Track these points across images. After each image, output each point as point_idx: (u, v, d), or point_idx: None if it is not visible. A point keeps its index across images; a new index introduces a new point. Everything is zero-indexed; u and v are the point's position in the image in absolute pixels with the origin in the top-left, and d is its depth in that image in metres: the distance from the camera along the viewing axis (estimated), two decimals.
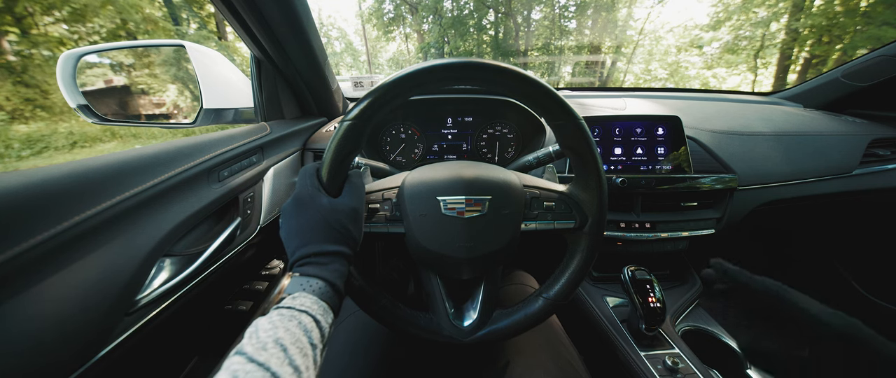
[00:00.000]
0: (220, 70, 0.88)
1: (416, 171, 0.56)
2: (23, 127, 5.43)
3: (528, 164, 0.71)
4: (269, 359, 0.28)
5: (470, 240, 0.51)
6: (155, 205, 0.51)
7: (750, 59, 8.69)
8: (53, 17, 6.32)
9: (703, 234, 0.91)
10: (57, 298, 0.38)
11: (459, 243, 0.51)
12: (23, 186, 0.37)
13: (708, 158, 0.93)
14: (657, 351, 0.72)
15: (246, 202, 0.74)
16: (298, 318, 0.34)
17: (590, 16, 12.18)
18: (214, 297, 0.91)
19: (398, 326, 0.55)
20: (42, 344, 0.37)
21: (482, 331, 0.54)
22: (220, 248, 0.65)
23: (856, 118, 1.14)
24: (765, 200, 0.95)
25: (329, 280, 0.40)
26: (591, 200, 0.52)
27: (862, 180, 0.99)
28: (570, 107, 0.46)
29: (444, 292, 0.57)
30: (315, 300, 0.37)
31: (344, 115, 0.47)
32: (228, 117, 0.91)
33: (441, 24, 13.06)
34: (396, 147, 1.08)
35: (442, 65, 0.43)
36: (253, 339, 0.30)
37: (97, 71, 2.02)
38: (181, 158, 0.57)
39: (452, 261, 0.52)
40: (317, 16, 15.78)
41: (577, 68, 11.83)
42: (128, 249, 0.46)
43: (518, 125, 1.06)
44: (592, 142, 0.48)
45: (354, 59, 18.71)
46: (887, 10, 5.84)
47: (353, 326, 0.69)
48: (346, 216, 0.45)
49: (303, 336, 0.32)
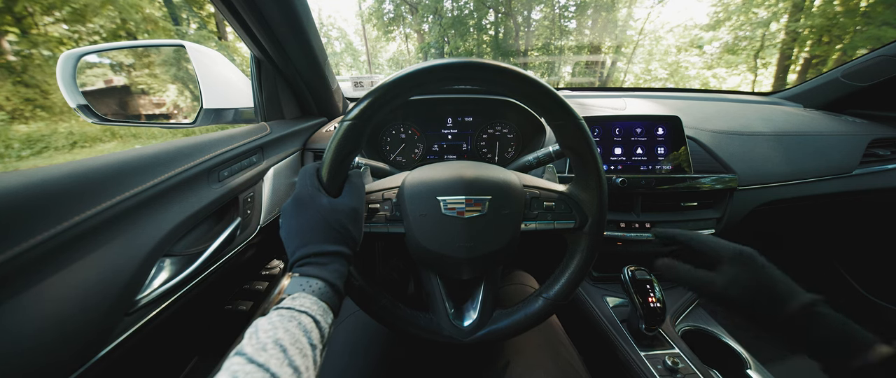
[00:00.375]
0: (220, 70, 0.88)
1: (416, 171, 0.56)
2: (23, 127, 5.44)
3: (528, 164, 0.71)
4: (268, 359, 0.28)
5: (470, 240, 0.51)
6: (155, 205, 0.51)
7: (750, 60, 8.69)
8: (53, 17, 6.32)
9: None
10: (57, 298, 0.38)
11: (459, 243, 0.51)
12: (23, 186, 0.37)
13: (708, 158, 0.93)
14: (657, 351, 0.72)
15: (246, 202, 0.74)
16: (298, 319, 0.34)
17: (590, 16, 12.19)
18: (214, 297, 0.91)
19: (398, 326, 0.55)
20: (42, 344, 0.37)
21: (482, 331, 0.54)
22: (220, 249, 0.65)
23: (856, 118, 1.14)
24: (765, 200, 0.95)
25: (329, 280, 0.40)
26: (591, 200, 0.52)
27: (862, 180, 0.99)
28: (570, 107, 0.46)
29: (444, 292, 0.57)
30: (315, 301, 0.37)
31: (344, 115, 0.47)
32: (228, 117, 0.91)
33: (441, 24, 13.07)
34: (396, 147, 1.08)
35: (442, 65, 0.43)
36: (253, 339, 0.30)
37: (97, 71, 2.02)
38: (181, 158, 0.57)
39: (452, 261, 0.52)
40: (317, 16, 15.78)
41: (577, 68, 11.84)
42: (128, 249, 0.46)
43: (518, 125, 1.06)
44: (592, 142, 0.48)
45: (354, 59, 18.72)
46: (887, 10, 5.84)
47: (353, 326, 0.69)
48: (346, 216, 0.45)
49: (302, 337, 0.33)
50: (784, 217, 1.22)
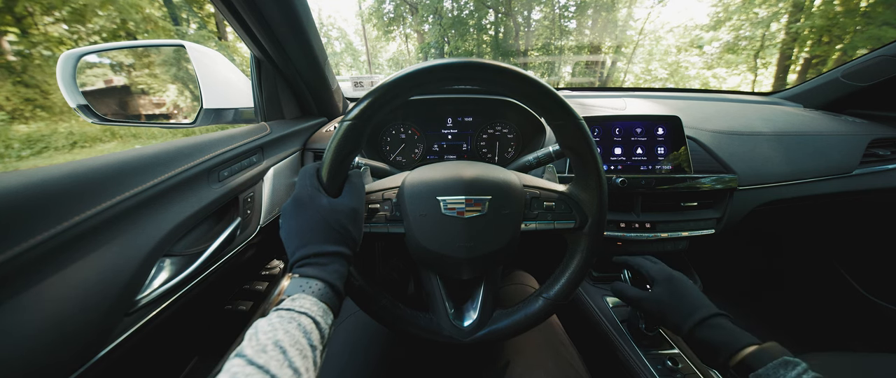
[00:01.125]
0: (220, 70, 0.88)
1: (416, 171, 0.56)
2: (23, 127, 5.43)
3: (528, 165, 0.71)
4: (268, 361, 0.28)
5: (470, 240, 0.51)
6: (155, 205, 0.51)
7: (750, 59, 8.69)
8: (53, 17, 6.32)
9: (703, 234, 0.91)
10: (57, 298, 0.38)
11: (459, 243, 0.51)
12: (23, 186, 0.37)
13: (708, 158, 0.93)
14: (657, 351, 0.72)
15: (246, 202, 0.74)
16: (298, 320, 0.34)
17: (590, 16, 12.19)
18: (214, 297, 0.90)
19: (398, 327, 0.55)
20: (42, 344, 0.37)
21: (482, 331, 0.54)
22: (220, 249, 0.65)
23: (856, 118, 1.14)
24: (765, 200, 0.95)
25: (328, 281, 0.40)
26: (591, 200, 0.52)
27: (862, 180, 0.99)
28: (570, 107, 0.46)
29: (445, 292, 0.57)
30: (314, 301, 0.37)
31: (344, 115, 0.47)
32: (228, 117, 0.91)
33: (441, 24, 13.06)
34: (396, 147, 1.08)
35: (442, 65, 0.43)
36: (253, 341, 0.30)
37: (97, 71, 2.02)
38: (181, 158, 0.57)
39: (452, 261, 0.52)
40: (317, 16, 15.77)
41: (577, 68, 11.84)
42: (128, 249, 0.46)
43: (518, 125, 1.06)
44: (592, 142, 0.48)
45: (354, 59, 18.72)
46: (887, 10, 5.84)
47: (353, 326, 0.69)
48: (346, 216, 0.45)
49: (302, 338, 0.33)
50: (784, 217, 1.22)
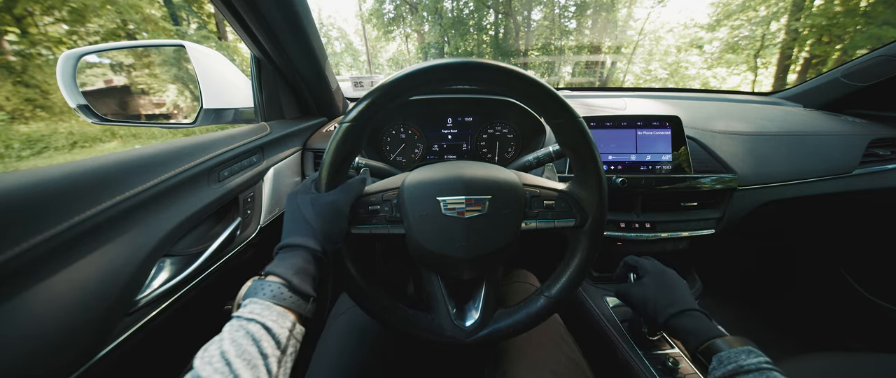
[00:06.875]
0: (220, 70, 0.88)
1: (416, 171, 0.56)
2: (23, 127, 5.43)
3: (528, 164, 0.71)
4: (211, 375, 0.27)
5: (470, 240, 0.51)
6: (155, 205, 0.51)
7: (750, 59, 8.68)
8: (53, 17, 6.32)
9: (703, 234, 0.91)
10: (57, 298, 0.38)
11: (460, 243, 0.51)
12: (22, 186, 0.37)
13: (708, 158, 0.93)
14: (657, 351, 0.72)
15: (246, 202, 0.74)
16: (246, 328, 0.32)
17: (590, 16, 12.18)
18: (214, 297, 0.90)
19: (400, 328, 0.55)
20: (42, 344, 0.37)
21: (484, 330, 0.54)
22: (220, 249, 0.65)
23: (856, 118, 1.14)
24: (765, 200, 0.95)
25: (285, 277, 0.38)
26: (591, 198, 0.52)
27: (862, 180, 0.99)
28: (570, 106, 0.46)
29: (446, 292, 0.56)
30: (266, 305, 0.35)
31: (343, 116, 0.47)
32: (228, 117, 0.91)
33: (441, 24, 13.06)
34: (396, 147, 1.08)
35: (442, 65, 0.43)
36: (203, 352, 0.30)
37: (97, 71, 2.02)
38: (181, 158, 0.57)
39: (453, 261, 0.52)
40: (317, 16, 15.77)
41: (577, 68, 11.82)
42: (128, 249, 0.46)
43: (518, 125, 1.06)
44: (592, 140, 0.49)
45: (354, 59, 18.71)
46: (887, 9, 5.84)
47: (352, 324, 0.69)
48: (323, 207, 0.44)
49: (250, 346, 0.31)
50: (784, 217, 1.22)
